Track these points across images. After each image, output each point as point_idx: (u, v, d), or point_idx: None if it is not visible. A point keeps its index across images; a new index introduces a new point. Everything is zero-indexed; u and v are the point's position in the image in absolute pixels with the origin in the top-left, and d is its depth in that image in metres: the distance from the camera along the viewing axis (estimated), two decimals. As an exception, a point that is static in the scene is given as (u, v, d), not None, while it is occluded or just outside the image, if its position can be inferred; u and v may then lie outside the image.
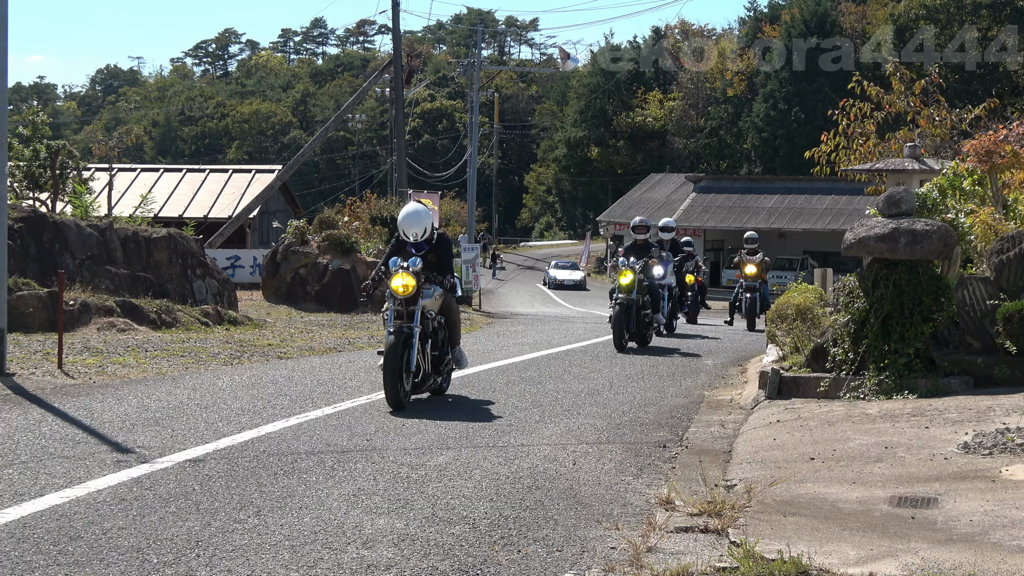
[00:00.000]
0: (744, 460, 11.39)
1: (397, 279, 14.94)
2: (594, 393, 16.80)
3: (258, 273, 45.62)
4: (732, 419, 14.50)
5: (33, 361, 18.77)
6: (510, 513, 9.26)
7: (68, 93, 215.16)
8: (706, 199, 76.00)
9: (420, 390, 15.40)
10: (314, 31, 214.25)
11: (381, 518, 8.95)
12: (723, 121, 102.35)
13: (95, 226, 30.38)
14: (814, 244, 69.91)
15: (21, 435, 12.20)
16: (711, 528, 8.60)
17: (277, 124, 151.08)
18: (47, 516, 8.82)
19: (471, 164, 73.87)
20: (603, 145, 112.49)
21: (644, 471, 11.14)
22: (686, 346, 25.47)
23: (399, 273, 14.97)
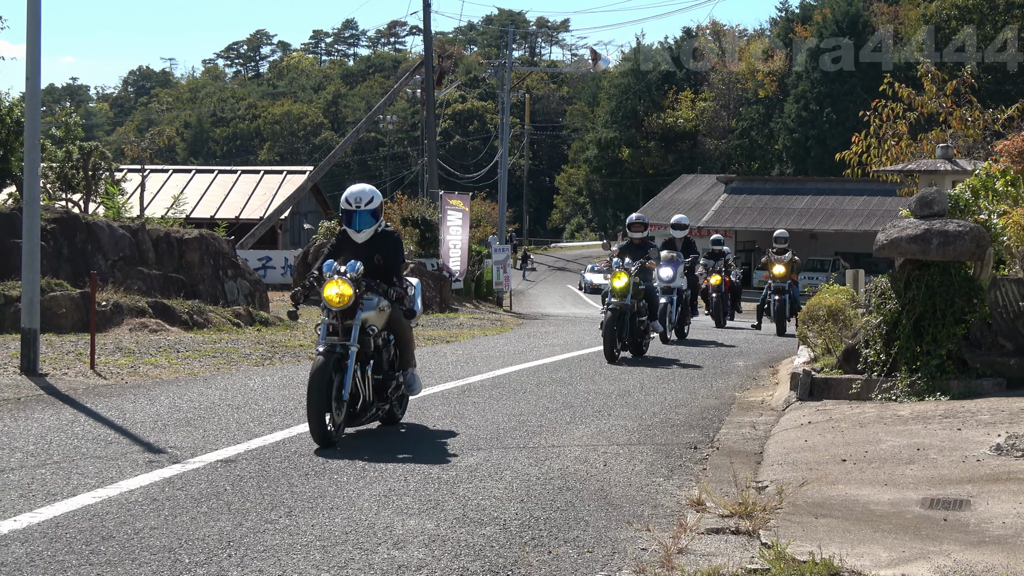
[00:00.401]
0: (775, 462, 11.37)
1: (331, 287, 12.45)
2: (625, 394, 16.78)
3: (289, 274, 45.76)
4: (763, 420, 14.47)
5: (66, 362, 18.85)
6: (541, 514, 9.26)
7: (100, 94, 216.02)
8: (737, 200, 75.85)
9: (359, 421, 12.74)
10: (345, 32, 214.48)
11: (412, 519, 8.96)
12: (754, 122, 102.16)
13: (127, 227, 30.49)
14: (846, 245, 69.68)
15: (54, 435, 12.26)
16: (742, 530, 8.59)
17: (308, 125, 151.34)
18: (79, 516, 8.86)
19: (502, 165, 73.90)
20: (634, 146, 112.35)
21: (675, 472, 11.12)
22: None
23: (333, 280, 12.48)
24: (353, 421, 12.55)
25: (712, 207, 75.57)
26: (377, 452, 11.67)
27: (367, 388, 12.58)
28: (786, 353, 23.51)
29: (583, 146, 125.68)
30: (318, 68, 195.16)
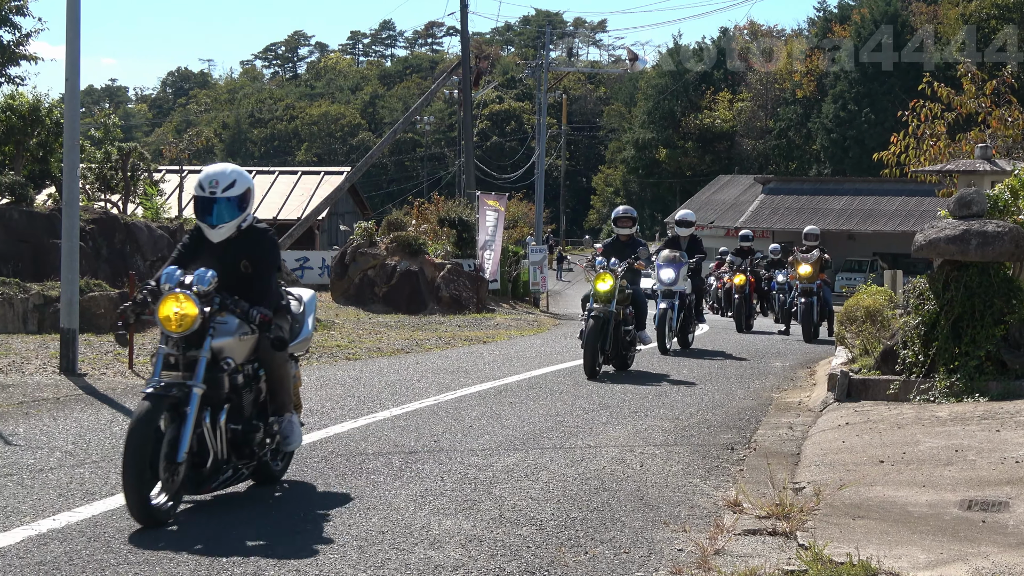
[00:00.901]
0: (813, 463, 11.34)
1: (168, 305, 9.20)
2: (661, 395, 16.76)
3: (326, 274, 45.79)
4: (801, 421, 14.43)
5: (104, 362, 18.93)
6: (577, 515, 9.26)
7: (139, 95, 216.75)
8: (775, 200, 75.60)
9: (207, 487, 9.29)
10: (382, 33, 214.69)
11: (448, 519, 8.97)
12: (792, 122, 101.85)
13: (165, 227, 30.63)
14: (884, 246, 69.35)
15: (92, 435, 12.31)
16: (779, 531, 8.57)
17: (346, 126, 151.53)
18: (118, 515, 8.89)
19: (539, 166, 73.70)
20: (671, 146, 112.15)
21: (712, 473, 11.10)
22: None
23: (173, 295, 9.21)
24: (202, 486, 9.29)
25: (749, 207, 75.35)
26: (411, 453, 11.68)
27: (218, 442, 9.27)
28: (823, 354, 23.45)
29: (620, 146, 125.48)
30: (355, 69, 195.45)
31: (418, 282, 38.37)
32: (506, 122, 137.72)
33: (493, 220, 45.96)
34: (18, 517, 8.79)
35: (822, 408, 15.08)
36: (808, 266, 28.69)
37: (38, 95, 34.04)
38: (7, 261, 27.11)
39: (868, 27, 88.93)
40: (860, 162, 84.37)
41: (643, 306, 20.42)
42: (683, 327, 24.25)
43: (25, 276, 25.96)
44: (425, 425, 13.40)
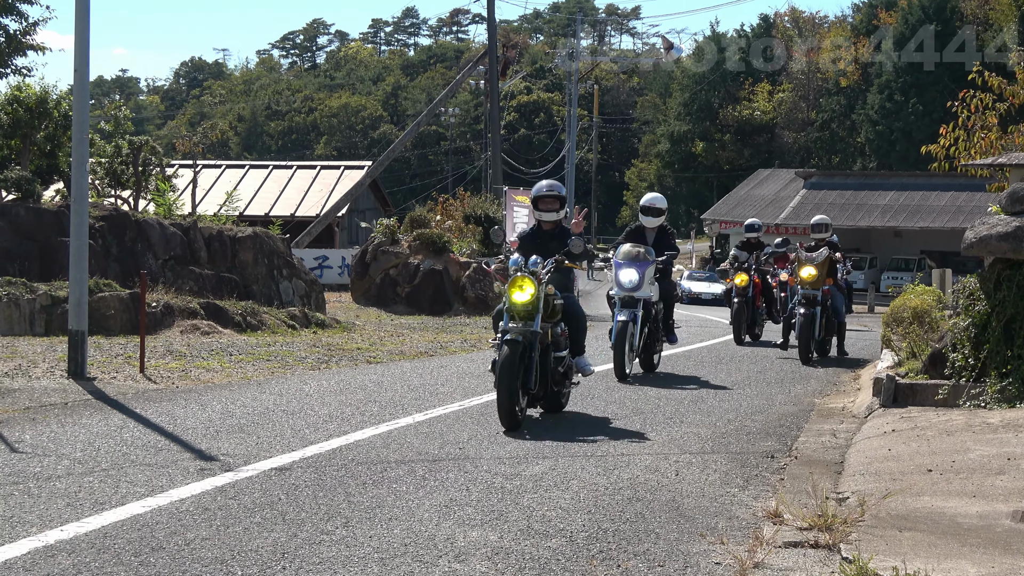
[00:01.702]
0: (857, 472, 11.31)
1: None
2: (698, 400, 16.75)
3: (347, 274, 45.91)
4: (844, 428, 14.39)
5: (114, 365, 18.99)
6: (609, 526, 9.25)
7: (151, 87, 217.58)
8: (817, 196, 75.42)
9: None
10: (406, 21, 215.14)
11: (474, 530, 8.97)
12: (835, 113, 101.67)
13: (179, 225, 30.73)
14: (932, 243, 69.18)
15: (102, 442, 12.35)
16: (822, 543, 8.54)
17: (367, 118, 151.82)
18: (128, 526, 8.91)
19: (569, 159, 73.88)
20: (708, 139, 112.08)
21: (751, 483, 11.08)
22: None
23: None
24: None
25: (790, 203, 75.23)
26: (435, 461, 11.69)
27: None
28: (868, 357, 23.38)
29: (654, 139, 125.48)
30: (377, 59, 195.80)
31: (442, 282, 38.43)
32: (535, 114, 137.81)
33: (523, 216, 46.02)
34: (24, 528, 8.81)
35: (867, 414, 15.05)
36: (812, 268, 23.88)
37: (46, 87, 34.23)
38: (13, 260, 27.23)
39: (915, 13, 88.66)
40: (907, 155, 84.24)
41: (580, 321, 15.48)
42: (647, 345, 20.13)
43: (32, 276, 26.06)
44: (450, 432, 13.40)
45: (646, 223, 21.19)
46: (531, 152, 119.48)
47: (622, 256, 20.17)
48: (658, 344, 20.67)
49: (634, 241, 20.78)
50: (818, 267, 23.74)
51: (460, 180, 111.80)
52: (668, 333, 21.13)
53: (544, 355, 14.47)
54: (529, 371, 14.08)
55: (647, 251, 20.22)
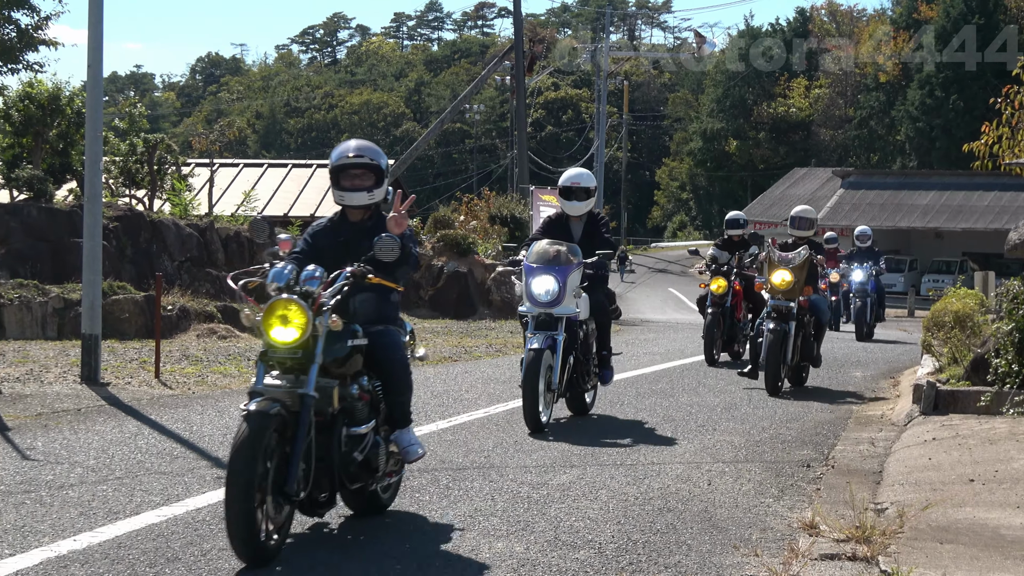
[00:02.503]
0: (896, 481, 11.29)
1: None
2: (731, 407, 16.73)
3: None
4: (883, 436, 14.36)
5: (129, 370, 19.05)
6: (639, 537, 9.25)
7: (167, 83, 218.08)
8: (855, 196, 75.21)
9: None
10: (429, 15, 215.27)
11: (500, 541, 8.98)
12: (874, 110, 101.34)
13: (195, 225, 30.81)
14: (974, 245, 68.92)
15: (116, 449, 12.38)
16: (859, 555, 8.52)
17: (389, 115, 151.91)
18: (143, 535, 8.94)
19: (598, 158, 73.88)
20: (742, 137, 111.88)
21: (786, 493, 11.07)
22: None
23: None
24: None
25: (827, 203, 75.02)
26: (460, 470, 11.70)
27: None
28: (907, 363, 23.33)
29: (686, 137, 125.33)
30: (400, 54, 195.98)
31: (467, 284, 38.45)
32: (562, 111, 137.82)
33: (550, 217, 45.88)
34: (36, 537, 8.85)
35: (906, 422, 15.02)
36: (786, 272, 19.11)
37: (58, 83, 34.32)
38: (25, 261, 27.33)
39: (957, 6, 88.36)
40: (948, 154, 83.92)
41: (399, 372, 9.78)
42: (573, 380, 15.29)
43: (44, 278, 26.15)
44: (474, 440, 13.41)
45: (569, 210, 15.98)
46: (559, 150, 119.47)
47: (535, 257, 15.16)
48: (590, 378, 15.69)
49: (553, 236, 15.72)
50: (795, 271, 18.95)
51: (485, 179, 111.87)
52: (602, 368, 16.05)
53: (333, 425, 9.07)
54: (291, 466, 8.55)
55: (571, 250, 15.19)
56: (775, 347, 18.53)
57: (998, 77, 63.49)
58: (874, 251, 33.70)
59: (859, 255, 33.51)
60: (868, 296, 31.87)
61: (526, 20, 73.15)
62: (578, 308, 14.92)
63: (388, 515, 9.75)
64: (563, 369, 14.77)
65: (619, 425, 14.86)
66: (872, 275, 32.58)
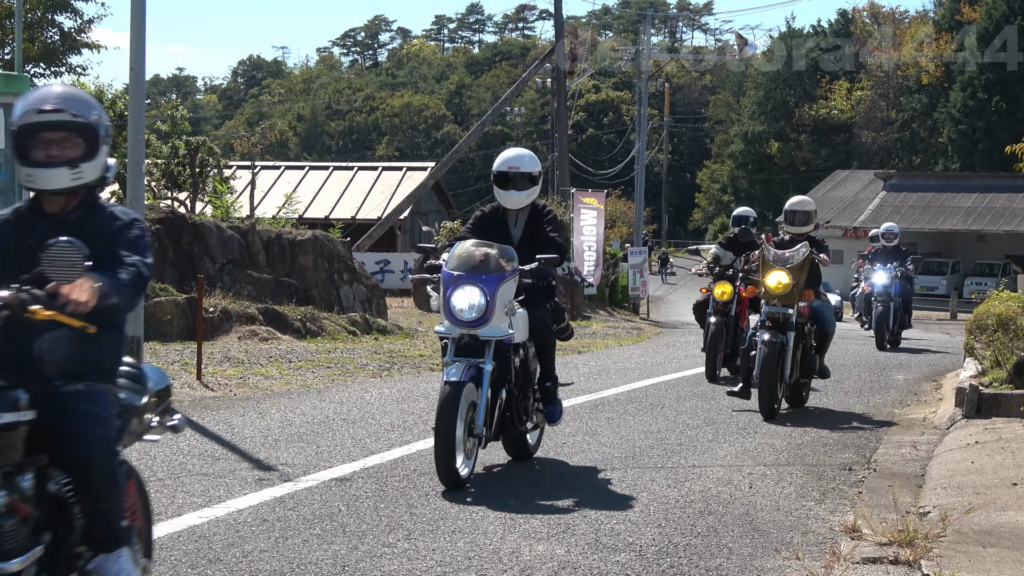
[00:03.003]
0: (939, 485, 11.24)
1: None
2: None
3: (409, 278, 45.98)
4: (925, 440, 14.31)
5: (171, 372, 19.09)
6: (680, 540, 9.23)
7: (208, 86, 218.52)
8: (897, 198, 74.97)
9: None
10: (470, 17, 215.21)
11: (540, 544, 8.97)
12: (916, 112, 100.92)
13: (236, 228, 30.84)
14: (1017, 247, 68.64)
15: (158, 451, 12.42)
16: (902, 559, 8.49)
17: (430, 118, 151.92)
18: (184, 537, 8.97)
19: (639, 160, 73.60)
20: (783, 140, 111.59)
21: (827, 496, 11.04)
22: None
23: None
24: None
25: (869, 206, 74.81)
26: (500, 472, 11.70)
27: None
28: (950, 366, 23.24)
29: (728, 139, 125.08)
30: (440, 56, 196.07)
31: (508, 287, 38.38)
32: (603, 113, 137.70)
33: (591, 219, 45.88)
34: (79, 538, 8.88)
35: (949, 425, 14.95)
36: (783, 274, 16.51)
37: (100, 85, 34.54)
38: (68, 264, 27.38)
39: (1000, 7, 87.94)
40: (991, 156, 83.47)
41: None
42: (506, 423, 11.92)
43: (87, 280, 26.17)
44: (515, 442, 13.39)
45: (507, 202, 12.57)
46: (599, 152, 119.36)
47: (457, 262, 11.80)
48: (529, 417, 12.27)
49: (485, 235, 12.32)
50: (793, 272, 16.34)
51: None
52: (546, 403, 12.53)
53: None
54: None
55: (503, 253, 11.83)
56: (771, 362, 15.83)
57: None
58: (900, 250, 30.49)
59: (882, 255, 30.36)
60: (892, 300, 28.90)
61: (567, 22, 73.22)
62: (511, 328, 11.62)
63: (433, 519, 9.76)
64: (493, 407, 11.57)
65: (659, 428, 14.81)
66: (896, 277, 29.59)
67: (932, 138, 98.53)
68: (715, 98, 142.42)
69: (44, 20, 44.58)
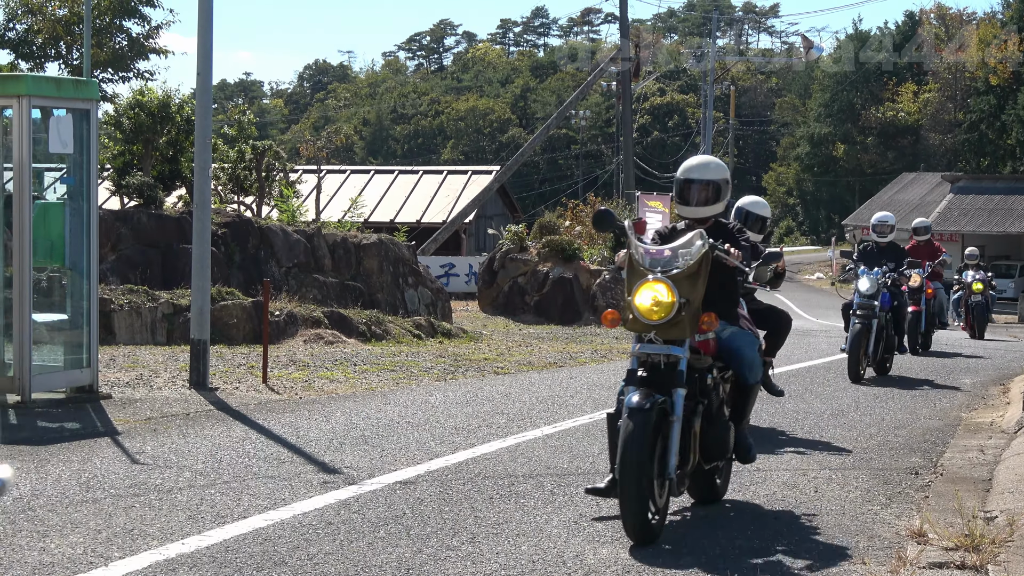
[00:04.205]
0: (1006, 489, 11.16)
1: None
2: (838, 414, 16.60)
3: (473, 282, 46.07)
4: (992, 444, 14.20)
5: (237, 375, 19.19)
6: (744, 544, 9.21)
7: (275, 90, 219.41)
8: (965, 200, 74.51)
9: None
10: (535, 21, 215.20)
11: (604, 547, 8.96)
12: (984, 114, 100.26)
13: (302, 232, 30.99)
14: (1085, 249, 68.34)
15: (224, 453, 12.48)
16: (968, 564, 8.44)
17: (495, 122, 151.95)
18: (250, 539, 9.01)
19: (704, 163, 73.65)
20: (850, 142, 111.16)
21: (893, 500, 10.98)
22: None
23: None
24: None
25: (936, 208, 74.37)
26: (565, 476, 11.69)
27: None
28: (1018, 370, 23.06)
29: (793, 142, 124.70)
30: (505, 60, 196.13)
31: (572, 290, 38.40)
32: (668, 116, 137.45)
33: (656, 222, 45.79)
34: (145, 540, 8.95)
35: (1017, 429, 14.84)
36: (660, 288, 9.83)
37: (168, 91, 34.72)
38: (135, 267, 27.61)
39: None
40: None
41: None
42: None
43: (153, 283, 26.40)
44: (579, 445, 13.39)
45: None
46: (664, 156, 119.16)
47: None
48: None
49: None
50: (680, 282, 9.83)
51: (591, 185, 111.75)
52: None
53: None
54: None
55: None
56: (638, 445, 9.18)
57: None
58: (897, 248, 23.11)
59: (868, 255, 22.43)
60: (875, 316, 20.73)
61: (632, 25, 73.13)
62: None
63: (498, 522, 9.77)
64: None
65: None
66: (885, 284, 21.35)
67: (1000, 140, 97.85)
68: (781, 100, 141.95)
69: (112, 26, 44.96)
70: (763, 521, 10.01)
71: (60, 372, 16.34)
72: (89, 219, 16.24)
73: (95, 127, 16.45)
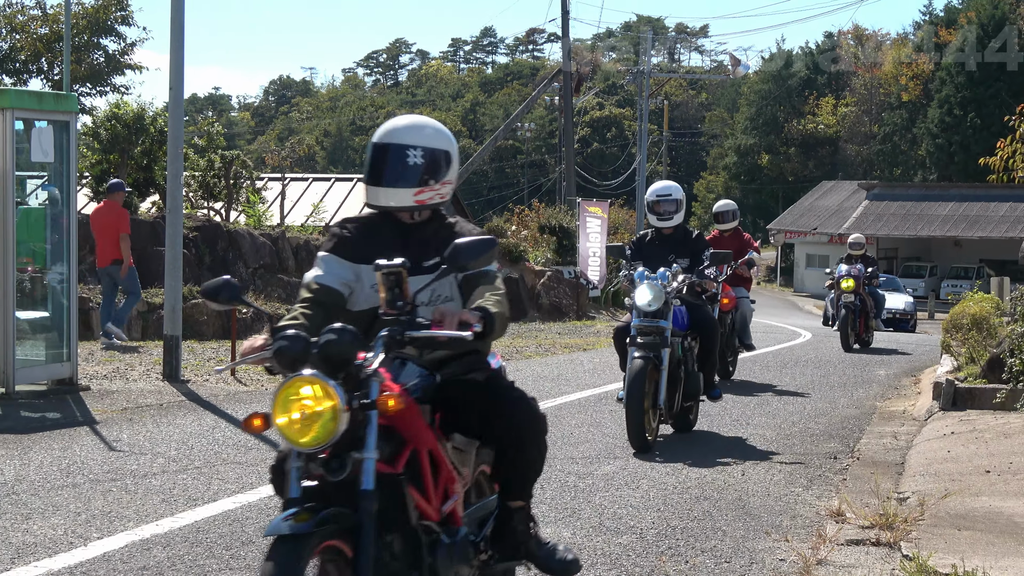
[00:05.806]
0: (917, 472, 11.23)
1: None
2: (763, 404, 16.66)
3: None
4: (905, 431, 14.29)
5: (207, 368, 19.12)
6: (678, 523, 9.23)
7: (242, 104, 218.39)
8: (879, 207, 74.97)
9: None
10: (484, 40, 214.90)
11: (548, 527, 8.97)
12: (897, 127, 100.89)
13: (268, 235, 30.88)
14: (990, 252, 68.67)
15: (195, 441, 12.44)
16: (883, 541, 8.49)
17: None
18: (220, 521, 8.99)
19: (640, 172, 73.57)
20: (774, 152, 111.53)
21: (814, 482, 11.03)
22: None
23: None
24: None
25: (853, 214, 74.80)
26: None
27: None
28: (928, 363, 23.20)
29: (722, 153, 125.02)
30: (456, 76, 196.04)
31: (518, 289, 38.42)
32: (607, 128, 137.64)
33: (596, 227, 45.87)
34: (122, 522, 8.91)
35: (927, 417, 14.94)
36: None
37: (143, 104, 34.47)
38: (112, 268, 27.42)
39: (975, 30, 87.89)
40: (966, 167, 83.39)
41: None
42: None
43: (129, 283, 26.23)
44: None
45: None
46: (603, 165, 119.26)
47: None
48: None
49: None
50: None
51: (535, 192, 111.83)
52: None
53: None
54: None
55: None
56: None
57: (1013, 96, 63.23)
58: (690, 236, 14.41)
59: (647, 249, 14.29)
60: (663, 346, 12.75)
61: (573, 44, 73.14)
62: None
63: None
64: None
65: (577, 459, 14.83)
66: (679, 293, 13.32)
67: (912, 151, 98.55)
68: (710, 114, 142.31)
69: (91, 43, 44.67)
70: (695, 502, 10.05)
71: (42, 366, 16.24)
72: (68, 223, 16.17)
73: (74, 138, 16.37)
